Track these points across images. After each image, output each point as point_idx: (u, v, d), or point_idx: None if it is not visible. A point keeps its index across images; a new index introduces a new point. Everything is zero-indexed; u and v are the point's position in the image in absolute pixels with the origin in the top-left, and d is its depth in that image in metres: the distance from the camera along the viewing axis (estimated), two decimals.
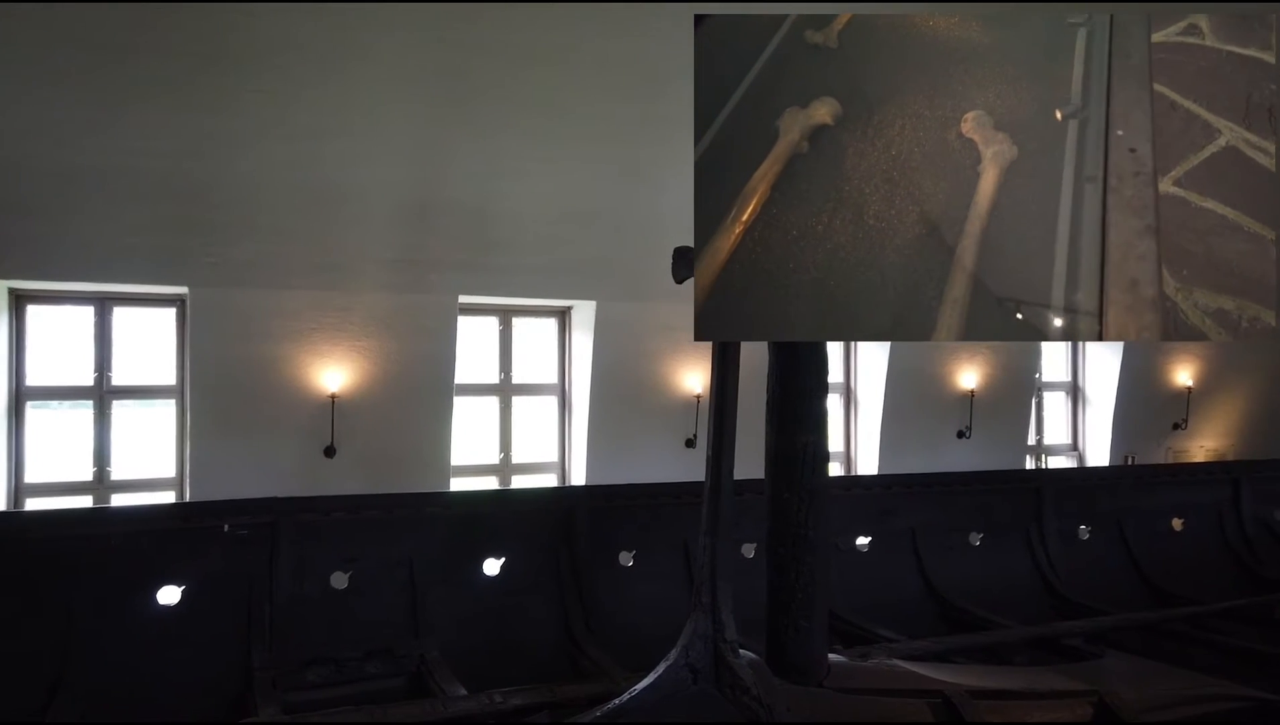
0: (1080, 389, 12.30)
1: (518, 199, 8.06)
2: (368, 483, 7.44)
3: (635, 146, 8.20)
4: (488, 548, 4.65)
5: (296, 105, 6.75)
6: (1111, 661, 3.95)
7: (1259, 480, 6.26)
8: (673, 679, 2.84)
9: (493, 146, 7.63)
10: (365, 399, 7.95)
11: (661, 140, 8.29)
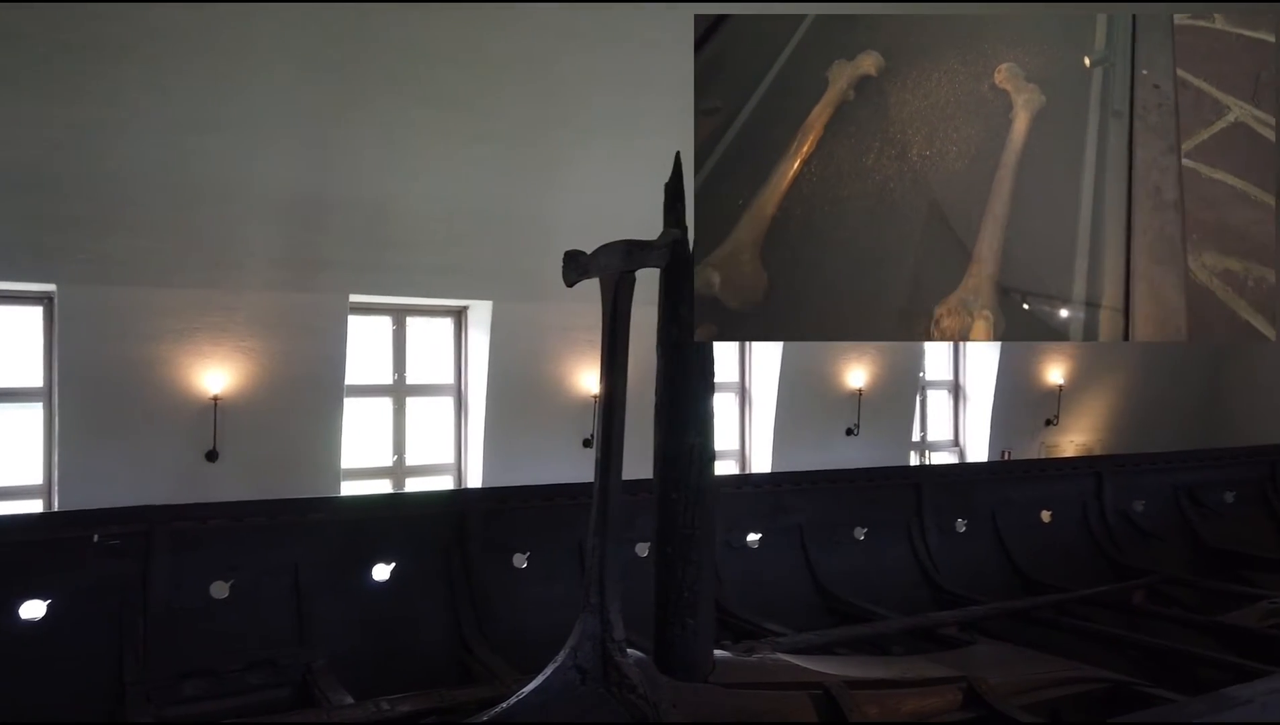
0: (961, 387, 12.86)
1: (411, 197, 7.94)
2: (254, 488, 7.20)
3: (534, 147, 8.19)
4: (378, 553, 4.56)
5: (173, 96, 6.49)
6: (982, 648, 4.15)
7: (1119, 473, 6.67)
8: (561, 680, 2.86)
9: (385, 143, 7.50)
10: (250, 401, 7.69)
11: (560, 141, 8.31)
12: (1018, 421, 12.69)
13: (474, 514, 4.78)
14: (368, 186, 7.67)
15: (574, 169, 8.45)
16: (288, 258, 7.70)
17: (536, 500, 5.01)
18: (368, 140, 7.44)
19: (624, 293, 2.97)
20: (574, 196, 8.50)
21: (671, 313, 3.10)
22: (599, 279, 3.07)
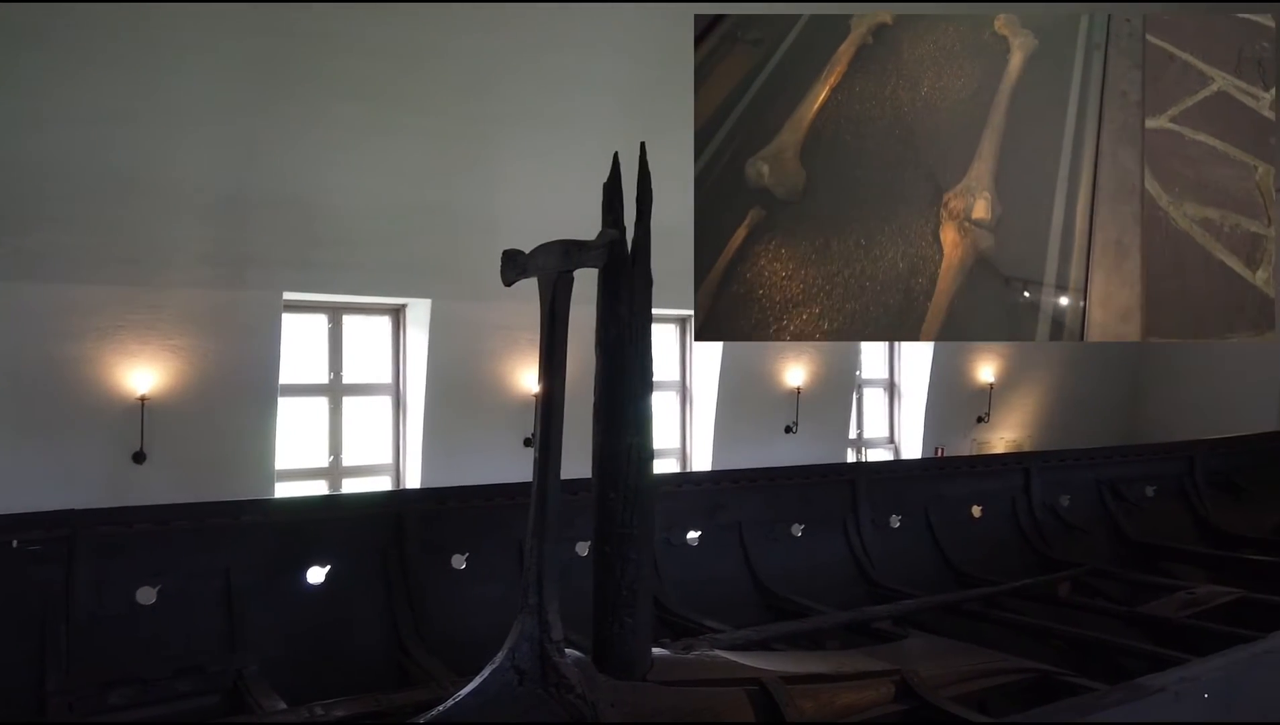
0: (896, 385, 13.12)
1: (347, 193, 7.82)
2: (184, 490, 7.00)
3: (472, 144, 8.13)
4: (312, 556, 4.48)
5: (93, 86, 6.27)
6: (914, 641, 4.24)
7: (1046, 469, 6.87)
8: (498, 681, 2.85)
9: (320, 139, 7.37)
10: (180, 401, 7.49)
11: (500, 139, 8.25)
12: (951, 419, 13.00)
13: (411, 515, 4.73)
14: (301, 182, 7.52)
15: (514, 166, 8.41)
16: (217, 254, 7.52)
17: (476, 500, 4.97)
18: (300, 135, 7.30)
19: (562, 293, 2.97)
20: (514, 194, 8.46)
21: (610, 313, 3.11)
22: (537, 279, 3.06)
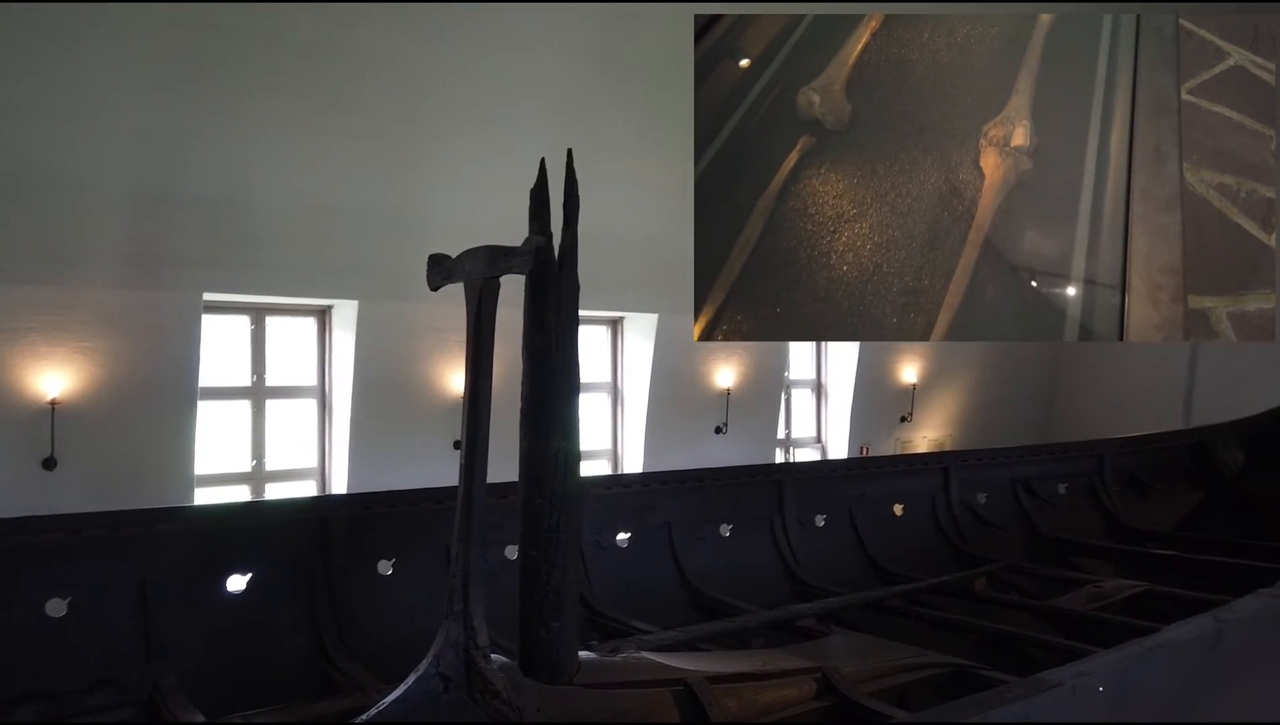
0: (823, 386, 13.38)
1: (271, 192, 7.66)
2: (98, 497, 6.78)
3: (399, 144, 8.03)
4: (233, 563, 4.38)
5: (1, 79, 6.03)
6: (837, 638, 4.34)
7: (964, 468, 7.07)
8: (423, 688, 2.84)
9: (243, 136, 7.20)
10: (94, 405, 7.23)
11: (427, 140, 8.17)
12: (875, 418, 13.31)
13: (336, 520, 4.65)
14: (222, 180, 7.34)
15: (443, 168, 8.33)
16: (134, 254, 7.29)
17: (402, 505, 4.92)
18: (222, 131, 7.12)
19: (488, 298, 2.98)
20: (443, 196, 8.39)
21: (536, 319, 3.12)
22: (463, 284, 3.06)
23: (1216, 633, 3.14)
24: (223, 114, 7.14)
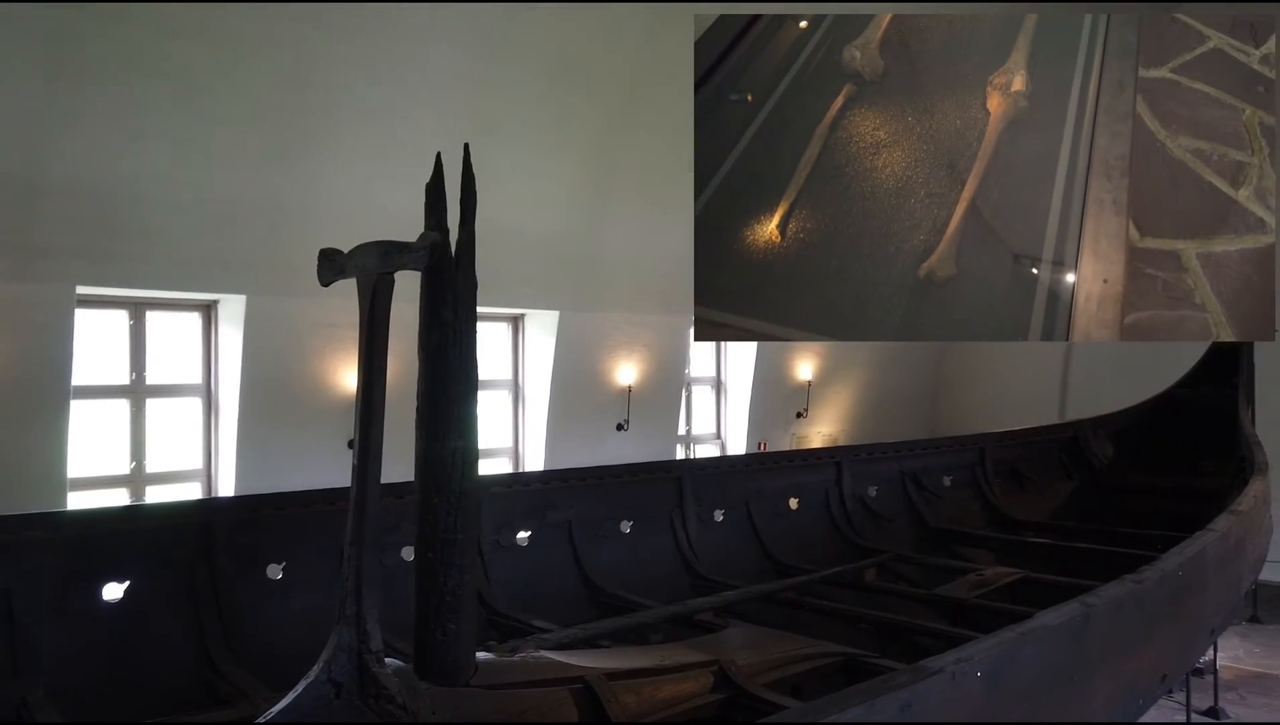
0: (723, 383, 13.58)
1: (152, 181, 7.30)
2: None
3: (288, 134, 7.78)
4: (110, 571, 4.16)
5: None
6: (734, 631, 4.42)
7: (856, 462, 7.30)
8: (313, 695, 2.76)
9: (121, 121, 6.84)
10: None
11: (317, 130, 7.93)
12: (772, 414, 13.60)
13: (222, 524, 4.48)
14: (99, 167, 6.95)
15: (334, 160, 8.10)
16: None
17: (293, 506, 4.77)
18: (99, 116, 6.74)
19: (382, 295, 2.91)
20: (334, 189, 8.15)
21: (432, 316, 3.07)
22: (356, 280, 2.99)
23: (1084, 617, 3.33)
24: (97, 98, 6.76)
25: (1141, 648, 3.87)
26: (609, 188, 10.36)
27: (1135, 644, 3.81)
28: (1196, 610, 4.63)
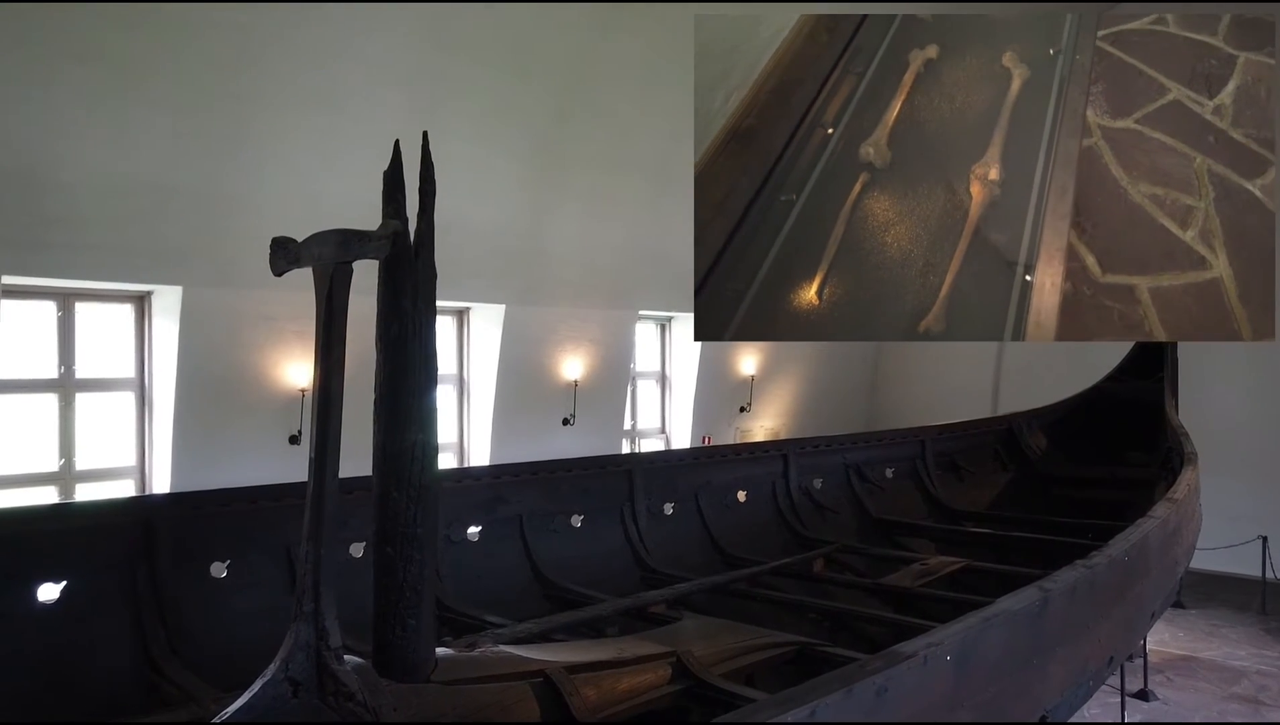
0: (668, 377, 13.63)
1: (82, 167, 7.04)
2: None
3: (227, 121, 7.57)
4: (43, 572, 4.01)
5: None
6: (688, 623, 4.45)
7: (802, 454, 7.39)
8: (270, 694, 2.69)
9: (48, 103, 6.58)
10: None
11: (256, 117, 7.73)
12: (716, 409, 13.70)
13: (162, 521, 4.34)
14: (24, 152, 6.68)
15: (273, 148, 7.91)
16: None
17: (238, 503, 4.65)
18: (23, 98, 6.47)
19: (339, 285, 2.85)
20: (274, 178, 7.96)
21: (392, 307, 3.02)
22: (312, 270, 2.92)
23: (1043, 601, 3.45)
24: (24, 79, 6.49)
25: (1093, 630, 4.03)
26: (555, 181, 10.31)
27: (1087, 627, 3.96)
28: (1140, 594, 4.81)
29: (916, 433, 8.49)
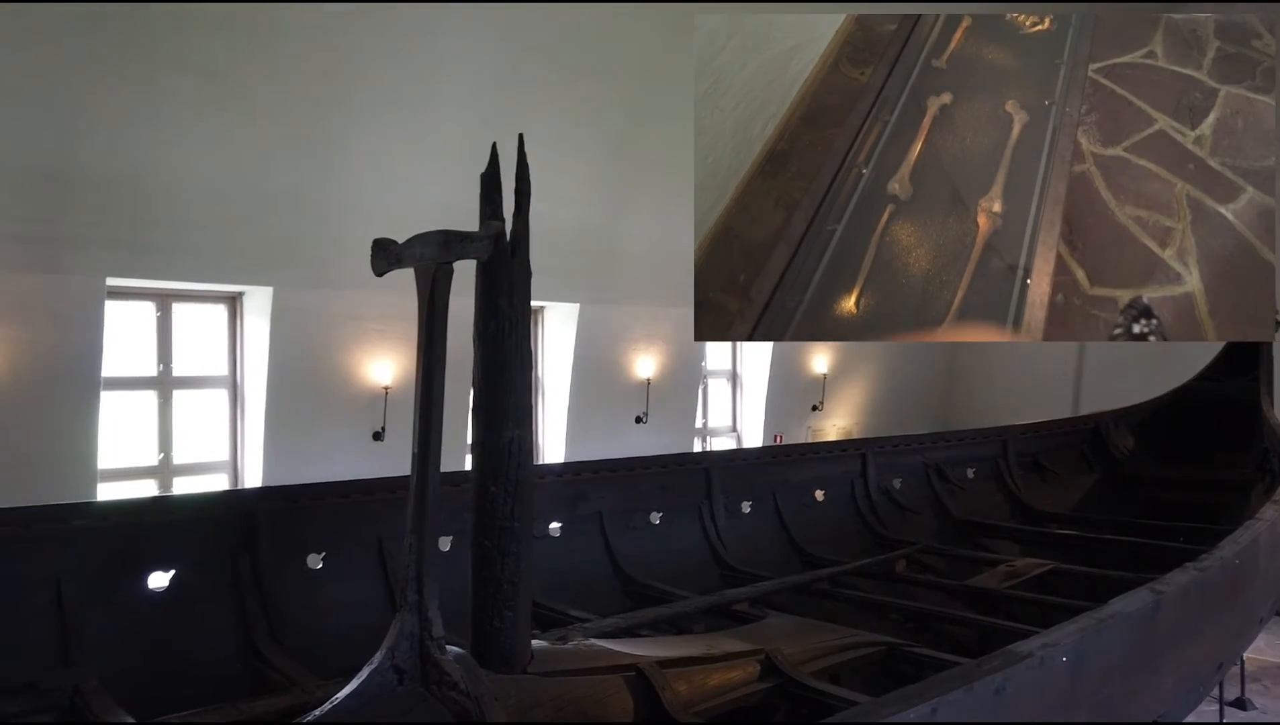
0: (739, 376, 13.60)
1: (181, 173, 7.34)
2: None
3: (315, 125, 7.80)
4: (154, 560, 4.20)
5: None
6: (772, 621, 4.45)
7: (880, 454, 7.31)
8: (377, 682, 2.79)
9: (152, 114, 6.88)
10: None
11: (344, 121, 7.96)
12: (788, 407, 13.61)
13: (262, 514, 4.51)
14: (129, 159, 6.99)
15: (363, 151, 8.13)
16: (30, 235, 6.87)
17: (331, 497, 4.80)
18: (129, 109, 6.78)
19: (441, 285, 2.93)
20: (361, 181, 8.18)
21: (490, 305, 3.10)
22: (414, 270, 3.00)
23: (1156, 604, 3.38)
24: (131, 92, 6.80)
25: (1203, 635, 3.94)
26: (629, 181, 10.37)
27: (1199, 631, 3.88)
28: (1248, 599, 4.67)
29: (999, 432, 8.32)
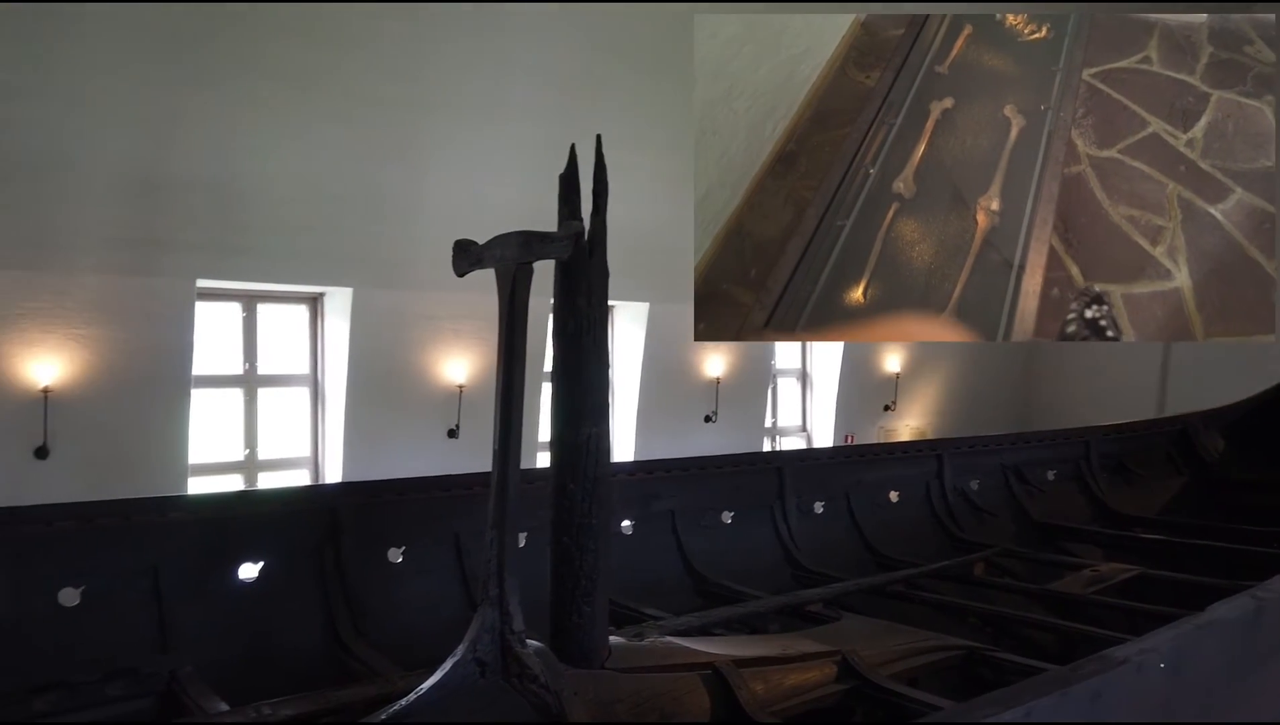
0: (808, 375, 13.47)
1: (263, 177, 7.59)
2: (90, 487, 6.71)
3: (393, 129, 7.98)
4: (243, 552, 4.35)
5: None
6: (848, 622, 4.40)
7: (957, 455, 7.16)
8: (460, 674, 2.85)
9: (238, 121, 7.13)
10: (86, 393, 7.15)
11: (426, 125, 8.13)
12: (859, 407, 13.44)
13: (345, 509, 4.63)
14: (217, 165, 7.26)
15: (438, 154, 8.29)
16: (126, 239, 7.19)
17: (412, 493, 4.91)
18: (218, 117, 7.04)
19: (522, 285, 2.98)
20: (438, 183, 8.35)
21: (568, 304, 3.13)
22: (495, 271, 3.06)
23: (1257, 610, 3.26)
24: (213, 97, 7.06)
25: None
26: None
27: None
28: None
29: (1080, 433, 8.07)
